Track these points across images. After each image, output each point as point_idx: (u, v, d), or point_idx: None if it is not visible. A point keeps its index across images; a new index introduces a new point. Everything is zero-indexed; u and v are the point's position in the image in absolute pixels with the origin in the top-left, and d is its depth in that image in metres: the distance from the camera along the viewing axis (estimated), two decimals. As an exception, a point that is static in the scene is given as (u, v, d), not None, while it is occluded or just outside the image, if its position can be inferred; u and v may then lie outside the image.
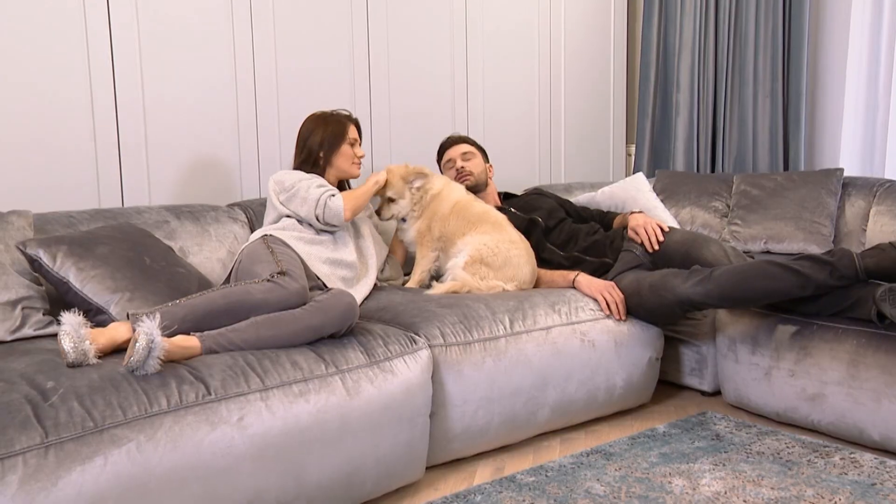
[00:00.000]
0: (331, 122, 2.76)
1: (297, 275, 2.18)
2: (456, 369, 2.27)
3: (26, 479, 1.49)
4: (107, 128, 2.80)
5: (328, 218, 2.56)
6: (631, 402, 2.76)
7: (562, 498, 2.07)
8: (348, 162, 2.77)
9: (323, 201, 2.55)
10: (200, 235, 2.68)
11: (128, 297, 2.11)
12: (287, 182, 2.62)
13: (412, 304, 2.47)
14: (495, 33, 3.93)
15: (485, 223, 2.80)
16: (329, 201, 2.56)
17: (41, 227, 2.37)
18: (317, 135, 2.73)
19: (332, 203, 2.55)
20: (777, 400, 2.58)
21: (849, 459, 2.28)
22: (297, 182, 2.61)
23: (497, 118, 3.99)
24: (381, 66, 3.50)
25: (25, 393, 1.62)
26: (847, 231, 3.29)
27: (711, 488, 2.10)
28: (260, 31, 3.13)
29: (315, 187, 2.58)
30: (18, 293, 2.13)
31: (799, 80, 3.87)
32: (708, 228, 3.55)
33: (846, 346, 2.40)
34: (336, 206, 2.55)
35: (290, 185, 2.60)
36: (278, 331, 2.00)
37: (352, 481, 1.99)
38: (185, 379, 1.77)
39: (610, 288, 2.69)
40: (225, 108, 3.08)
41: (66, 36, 2.69)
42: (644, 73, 4.40)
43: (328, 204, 2.55)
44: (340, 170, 2.77)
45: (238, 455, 1.76)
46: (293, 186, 2.60)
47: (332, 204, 2.55)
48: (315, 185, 2.59)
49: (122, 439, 1.61)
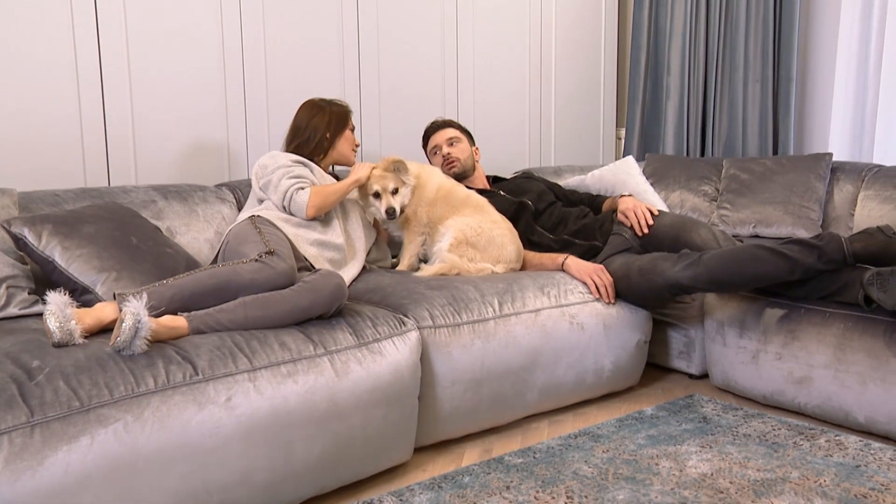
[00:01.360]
0: (333, 107, 2.80)
1: (285, 255, 2.17)
2: (445, 351, 2.27)
3: (12, 459, 1.48)
4: (92, 106, 2.76)
5: (293, 211, 2.54)
6: (619, 385, 2.78)
7: (549, 479, 2.08)
8: (349, 147, 2.80)
9: (290, 194, 2.52)
10: (188, 216, 2.66)
11: (114, 277, 2.09)
12: (269, 167, 2.60)
13: (401, 285, 2.46)
14: (486, 14, 3.90)
15: (467, 206, 2.80)
16: (295, 195, 2.52)
17: (26, 205, 2.34)
18: (321, 118, 2.74)
19: (297, 197, 2.52)
20: (764, 383, 2.60)
21: (834, 442, 2.30)
22: (276, 168, 2.58)
23: (487, 100, 3.97)
24: (370, 45, 3.47)
25: (11, 372, 1.61)
26: (835, 216, 3.30)
27: (698, 470, 2.12)
28: (248, 9, 3.10)
29: (288, 178, 2.55)
30: (3, 272, 2.10)
31: (789, 64, 3.87)
32: (697, 212, 3.55)
33: (833, 330, 2.41)
34: (300, 201, 2.51)
35: (270, 171, 2.58)
36: (266, 311, 1.98)
37: (340, 462, 1.99)
38: (172, 359, 1.75)
39: (599, 271, 2.69)
40: (213, 88, 3.05)
41: (51, 13, 2.65)
42: (634, 57, 4.38)
43: (294, 198, 2.52)
44: (342, 154, 2.78)
45: (226, 435, 1.75)
46: (272, 173, 2.58)
47: (298, 198, 2.52)
48: (289, 176, 2.56)
49: (108, 419, 1.60)
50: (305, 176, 2.60)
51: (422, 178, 2.80)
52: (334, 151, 2.77)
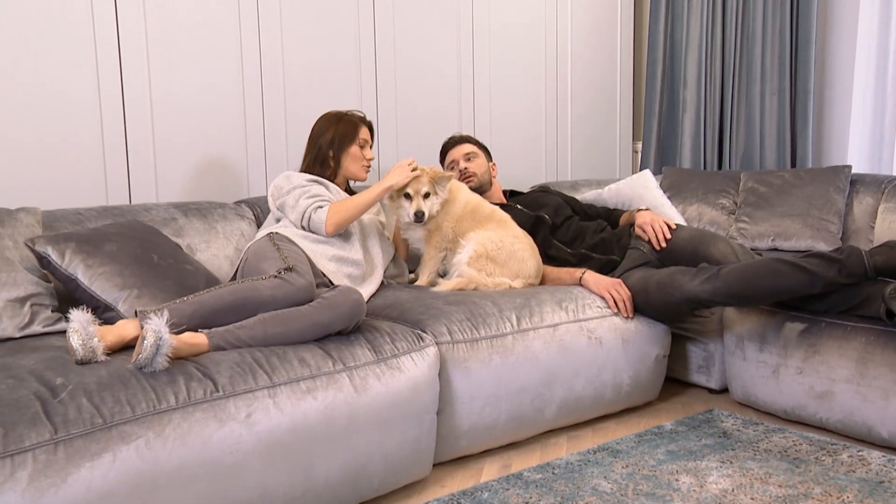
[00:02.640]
0: (343, 121, 2.75)
1: (303, 271, 2.18)
2: (463, 366, 2.27)
3: (36, 476, 1.50)
4: (114, 125, 2.80)
5: (313, 229, 2.54)
6: (638, 400, 2.76)
7: (569, 495, 2.07)
8: (357, 164, 2.75)
9: (308, 214, 2.53)
10: (208, 232, 2.68)
11: (136, 295, 2.12)
12: (284, 188, 2.61)
13: (419, 301, 2.47)
14: (502, 30, 3.93)
15: (492, 221, 2.80)
16: (314, 214, 2.52)
17: (49, 223, 2.37)
18: (328, 133, 2.72)
19: (315, 216, 2.52)
20: (785, 398, 2.57)
21: (857, 457, 2.27)
22: (291, 189, 2.59)
23: (503, 115, 3.98)
24: (387, 63, 3.50)
25: (35, 389, 1.63)
26: (855, 228, 3.28)
27: (719, 486, 2.10)
28: (266, 27, 3.14)
29: (305, 198, 2.55)
30: (27, 290, 2.13)
31: (807, 76, 3.85)
32: (715, 226, 3.54)
33: (855, 344, 2.39)
34: (319, 219, 2.51)
35: (286, 192, 2.60)
36: (286, 328, 2.00)
37: (359, 478, 1.99)
38: (193, 376, 1.77)
39: (617, 285, 2.68)
40: (232, 105, 3.08)
41: (74, 33, 2.70)
42: (651, 70, 4.39)
43: (312, 217, 2.52)
44: (349, 171, 2.75)
45: (246, 452, 1.77)
46: (288, 194, 2.59)
47: (316, 217, 2.52)
48: (306, 196, 2.56)
49: (130, 436, 1.62)
50: (321, 194, 2.60)
51: (453, 192, 2.81)
52: (341, 169, 2.75)
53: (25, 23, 2.60)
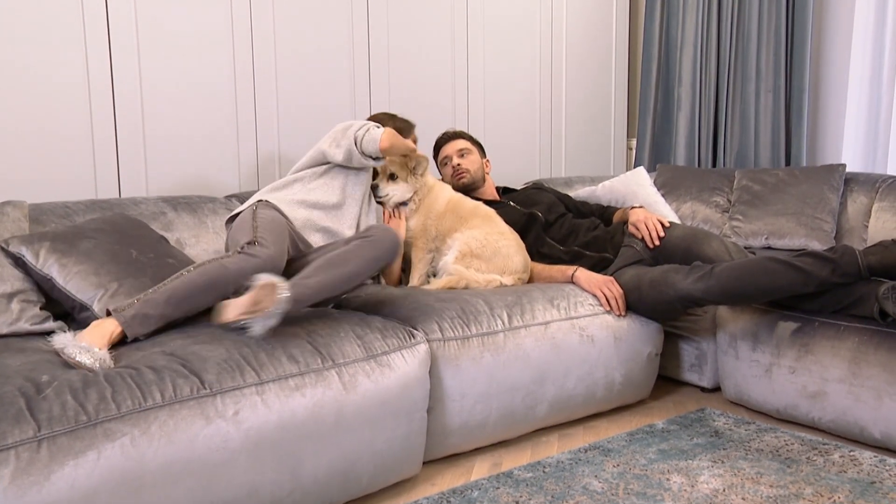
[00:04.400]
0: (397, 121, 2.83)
1: (268, 241, 2.18)
2: (454, 364, 2.25)
3: (18, 474, 1.48)
4: (104, 118, 2.78)
5: (366, 143, 2.48)
6: (630, 398, 2.75)
7: (559, 494, 2.06)
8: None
9: (367, 127, 2.50)
10: (197, 227, 2.66)
11: (111, 292, 2.08)
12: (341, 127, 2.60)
13: (410, 298, 2.45)
14: (496, 25, 3.91)
15: (475, 216, 2.79)
16: (372, 128, 2.49)
17: (37, 217, 2.35)
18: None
19: (374, 130, 2.48)
20: (777, 397, 2.57)
21: (848, 457, 2.27)
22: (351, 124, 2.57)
23: (497, 111, 3.97)
24: (381, 58, 3.48)
25: (19, 385, 1.61)
26: (849, 227, 3.27)
27: (710, 485, 2.09)
28: (258, 20, 3.11)
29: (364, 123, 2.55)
30: (14, 286, 2.09)
31: (802, 75, 3.84)
32: (709, 224, 3.53)
33: (848, 344, 2.38)
34: (375, 133, 2.47)
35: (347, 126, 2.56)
36: (346, 267, 2.12)
37: (348, 476, 1.97)
38: (179, 372, 1.75)
39: (609, 283, 2.67)
40: (224, 101, 3.06)
41: (63, 25, 2.67)
42: (646, 67, 4.37)
43: (371, 129, 2.49)
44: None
45: (233, 449, 1.75)
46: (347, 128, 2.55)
47: (374, 131, 2.48)
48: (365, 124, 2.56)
49: (115, 433, 1.60)
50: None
51: (434, 192, 2.81)
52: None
53: (12, 14, 2.57)
